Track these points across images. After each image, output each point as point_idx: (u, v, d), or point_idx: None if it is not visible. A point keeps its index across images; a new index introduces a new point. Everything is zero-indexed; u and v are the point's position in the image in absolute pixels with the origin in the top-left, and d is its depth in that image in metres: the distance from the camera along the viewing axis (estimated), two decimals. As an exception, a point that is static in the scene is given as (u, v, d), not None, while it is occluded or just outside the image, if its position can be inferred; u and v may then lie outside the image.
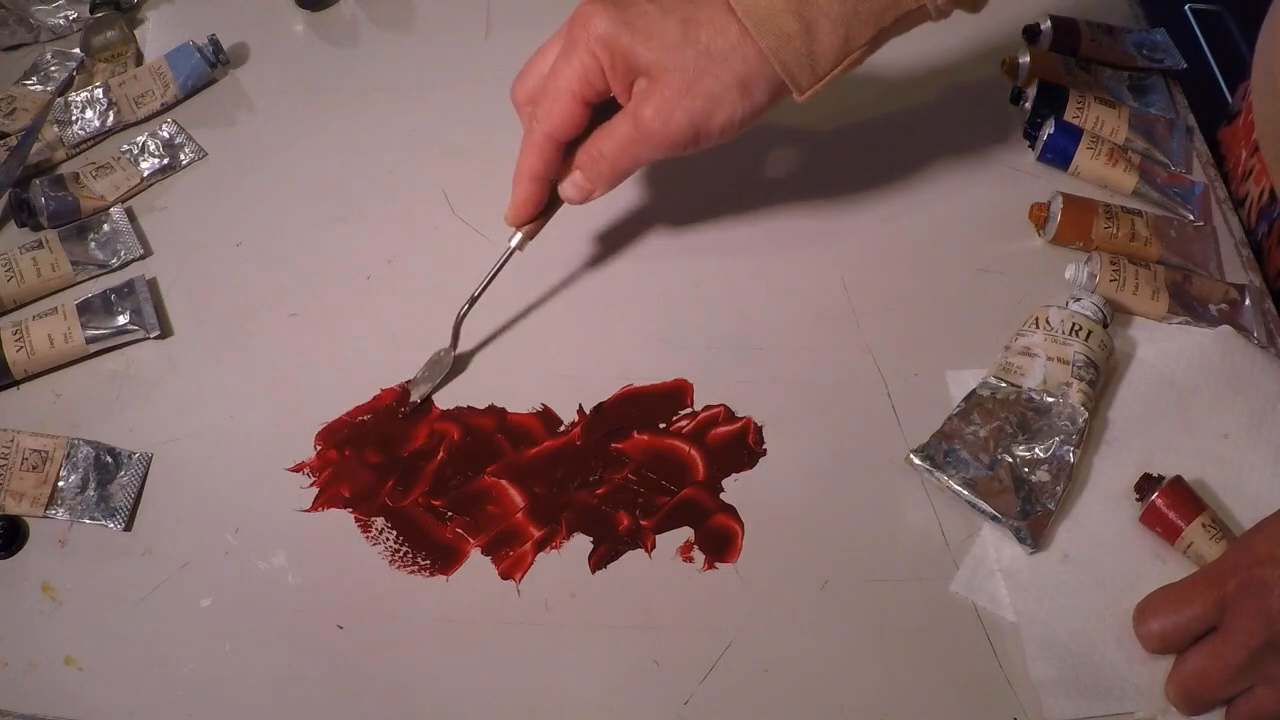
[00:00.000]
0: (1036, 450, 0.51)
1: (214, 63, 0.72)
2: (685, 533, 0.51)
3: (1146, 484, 0.50)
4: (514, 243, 0.54)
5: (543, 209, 0.54)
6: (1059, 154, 0.64)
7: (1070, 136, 0.63)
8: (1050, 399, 0.52)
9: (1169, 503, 0.49)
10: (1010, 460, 0.51)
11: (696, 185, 0.65)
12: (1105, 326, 0.54)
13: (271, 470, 0.54)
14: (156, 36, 0.76)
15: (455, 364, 0.57)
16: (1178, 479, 0.49)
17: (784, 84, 0.49)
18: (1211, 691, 0.44)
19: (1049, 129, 0.64)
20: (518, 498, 0.52)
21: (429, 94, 0.72)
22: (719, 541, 0.51)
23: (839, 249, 0.62)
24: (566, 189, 0.53)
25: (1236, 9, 1.26)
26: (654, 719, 0.46)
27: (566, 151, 0.52)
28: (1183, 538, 0.48)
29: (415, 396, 0.55)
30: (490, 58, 0.74)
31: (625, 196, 0.65)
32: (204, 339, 0.59)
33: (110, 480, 0.53)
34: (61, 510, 0.52)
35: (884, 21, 0.48)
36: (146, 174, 0.67)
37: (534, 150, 0.52)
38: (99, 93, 0.69)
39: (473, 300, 0.56)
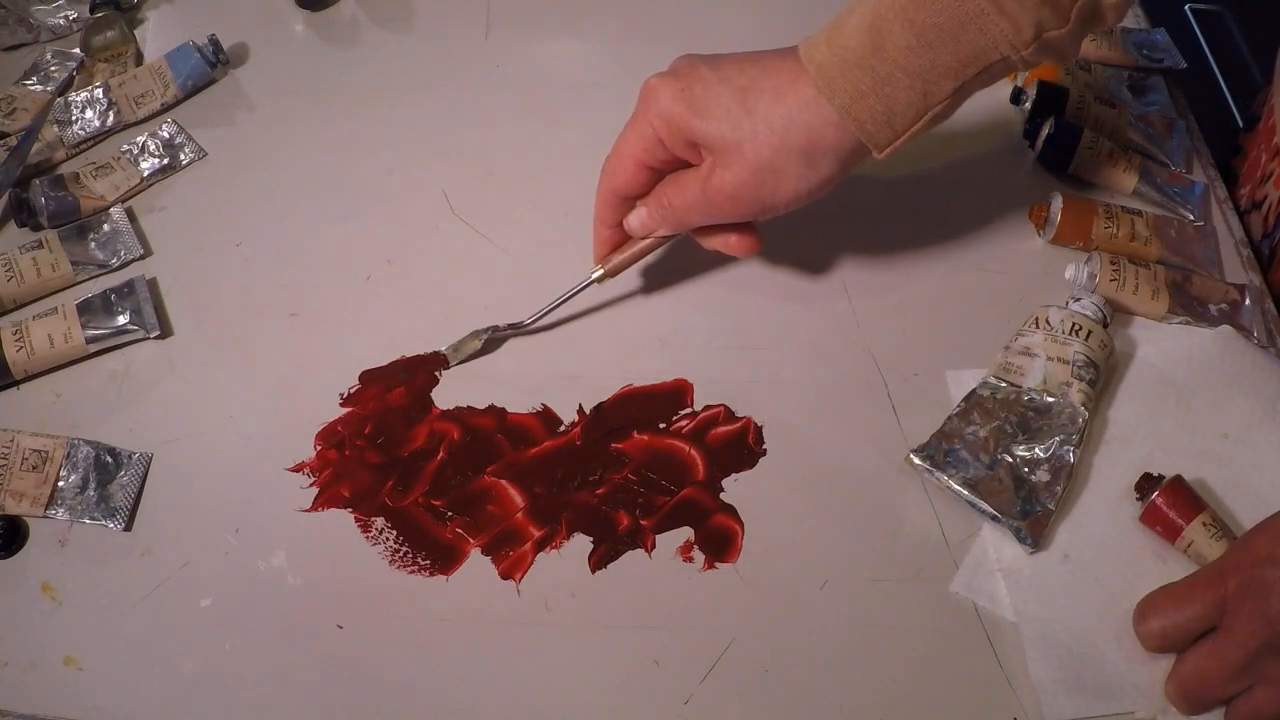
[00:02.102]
0: (1036, 450, 0.51)
1: (214, 63, 0.72)
2: (685, 533, 0.51)
3: (1146, 483, 0.50)
4: (594, 275, 0.56)
5: (619, 246, 0.56)
6: (1059, 154, 0.64)
7: (1070, 136, 0.63)
8: (1050, 399, 0.52)
9: (1169, 502, 0.49)
10: (1010, 460, 0.51)
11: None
12: (1105, 326, 0.54)
13: (271, 470, 0.54)
14: (156, 36, 0.77)
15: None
16: (1178, 478, 0.49)
17: (854, 150, 0.48)
18: (1211, 691, 0.44)
19: (1049, 129, 0.64)
20: (518, 498, 0.52)
21: (429, 94, 0.72)
22: (719, 541, 0.51)
23: (839, 249, 0.62)
24: (630, 221, 0.54)
25: (1236, 9, 1.27)
26: (654, 719, 0.46)
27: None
28: (1183, 537, 0.48)
29: (454, 363, 0.57)
30: (490, 58, 0.74)
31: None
32: (204, 339, 0.59)
33: (110, 480, 0.53)
34: (61, 510, 0.52)
35: (965, 75, 0.46)
36: (146, 174, 0.67)
37: (601, 201, 0.55)
38: (99, 93, 0.69)
39: (537, 317, 0.57)
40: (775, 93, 0.47)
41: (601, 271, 0.56)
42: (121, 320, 0.58)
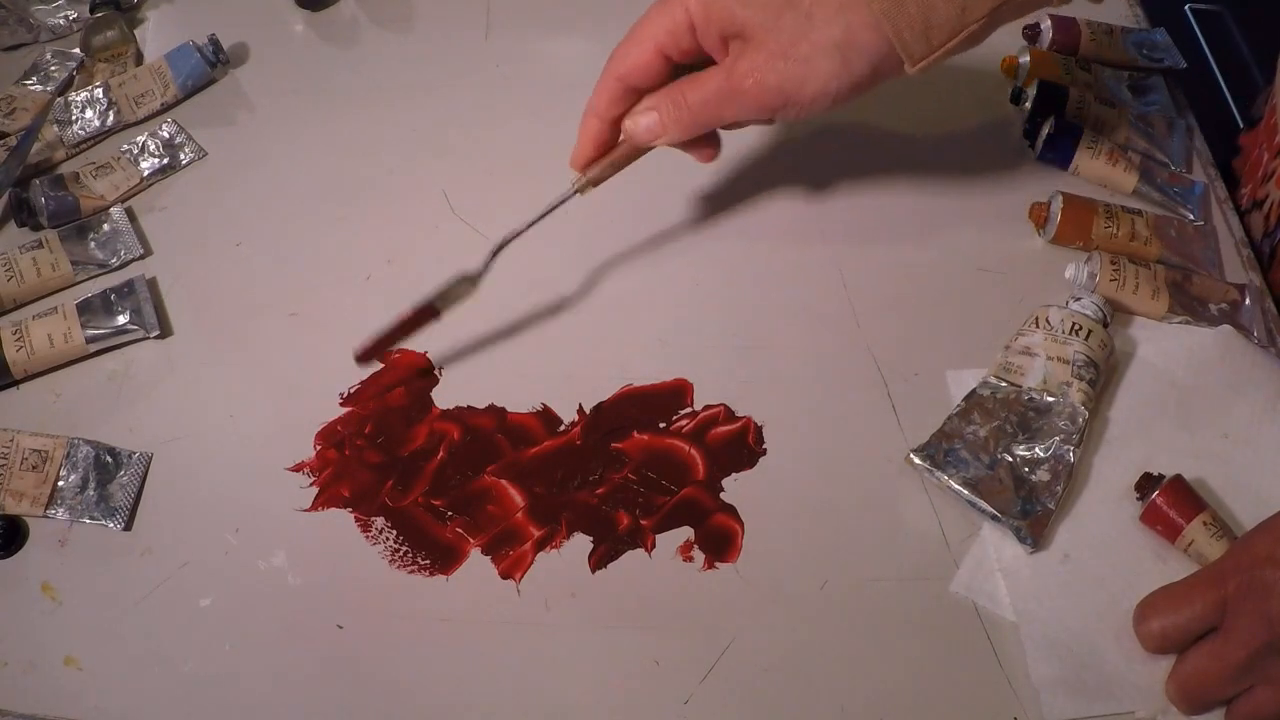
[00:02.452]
0: (1036, 450, 0.51)
1: (214, 63, 0.72)
2: (685, 532, 0.51)
3: (1147, 483, 0.50)
4: (574, 186, 0.53)
5: (607, 153, 0.53)
6: (1059, 154, 0.64)
7: (1070, 136, 0.63)
8: (1050, 398, 0.52)
9: (1169, 501, 0.49)
10: (1010, 460, 0.51)
11: (697, 185, 0.65)
12: (1105, 326, 0.54)
13: (271, 470, 0.54)
14: (156, 36, 0.77)
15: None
16: (1178, 478, 0.49)
17: (887, 58, 0.47)
18: (1211, 691, 0.44)
19: (1049, 129, 0.64)
20: (518, 497, 0.52)
21: (429, 94, 0.72)
22: (719, 541, 0.51)
23: (839, 249, 0.62)
24: (635, 125, 0.51)
25: (1236, 9, 1.27)
26: (654, 719, 0.46)
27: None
28: (1183, 536, 0.48)
29: (442, 313, 0.55)
30: (490, 58, 0.74)
31: (625, 196, 0.65)
32: (204, 339, 0.59)
33: (110, 480, 0.53)
34: (61, 510, 0.52)
35: None
36: (146, 174, 0.67)
37: (603, 90, 0.51)
38: (99, 93, 0.69)
39: (516, 234, 0.55)
40: None
41: (584, 180, 0.53)
42: (121, 320, 0.58)
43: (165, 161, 0.67)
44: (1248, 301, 0.58)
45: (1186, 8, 1.25)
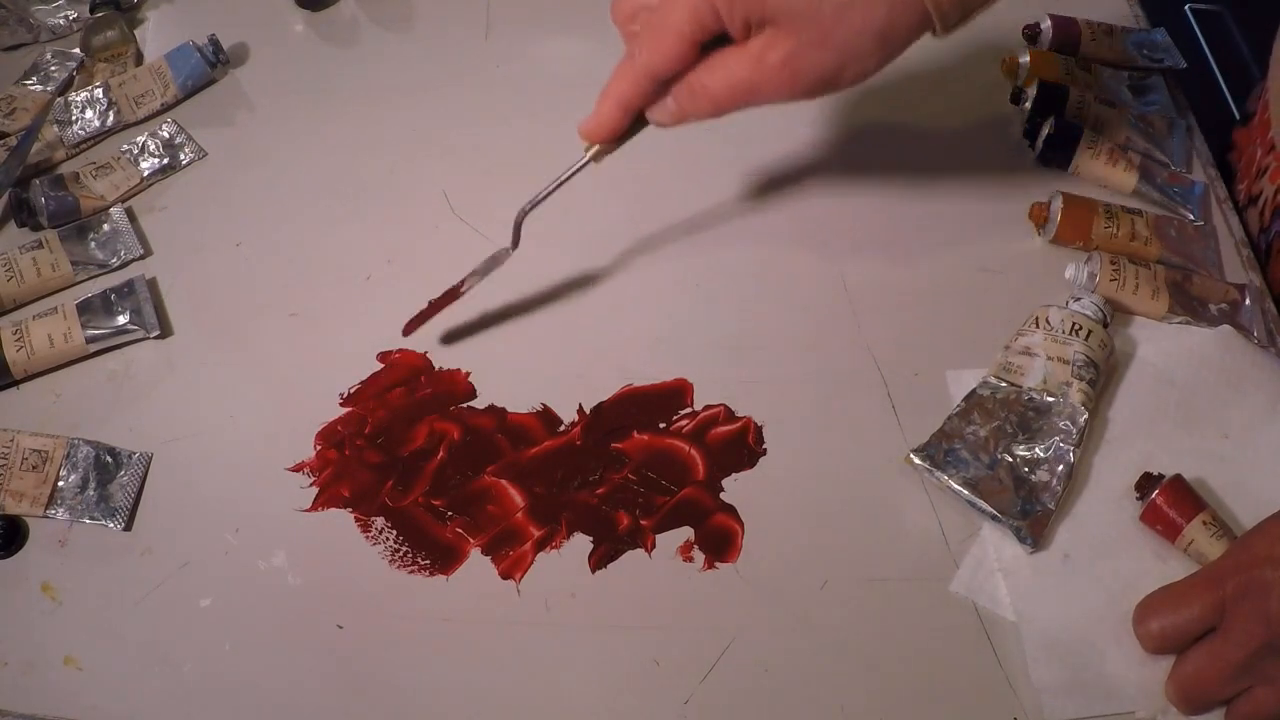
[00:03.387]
0: (1036, 450, 0.51)
1: (214, 63, 0.72)
2: (685, 532, 0.51)
3: (1147, 483, 0.50)
4: (589, 154, 0.52)
5: (627, 132, 0.52)
6: (1059, 154, 0.64)
7: (1070, 136, 0.63)
8: (1050, 398, 0.52)
9: (1169, 501, 0.49)
10: (1010, 460, 0.51)
11: (696, 185, 0.65)
12: (1105, 326, 0.54)
13: (271, 470, 0.54)
14: (156, 36, 0.77)
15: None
16: (1178, 477, 0.49)
17: (920, 28, 0.46)
18: (1211, 692, 0.44)
19: (1049, 129, 0.64)
20: (518, 497, 0.52)
21: (429, 94, 0.72)
22: (719, 541, 0.51)
23: (839, 249, 0.62)
24: (657, 112, 0.50)
25: (1236, 9, 1.27)
26: (654, 719, 0.46)
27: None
28: (1183, 536, 0.48)
29: (466, 288, 0.56)
30: (490, 58, 0.74)
31: (626, 197, 0.65)
32: (204, 339, 0.59)
33: (110, 480, 0.53)
34: (61, 510, 0.52)
35: None
36: (146, 174, 0.67)
37: (629, 78, 0.49)
38: (99, 93, 0.69)
39: (535, 202, 0.54)
40: None
41: (598, 148, 0.52)
42: (121, 320, 0.58)
43: (165, 161, 0.67)
44: (1248, 301, 0.58)
45: (1186, 8, 1.25)
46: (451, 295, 0.57)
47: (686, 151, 0.67)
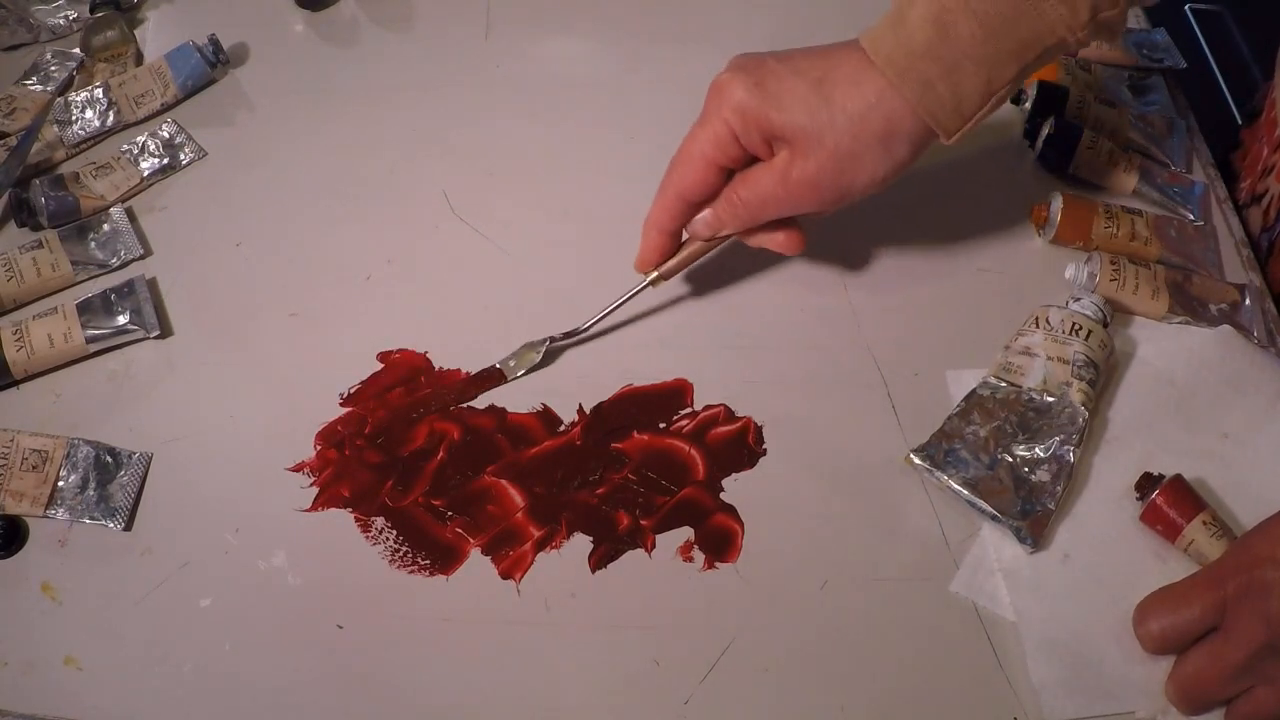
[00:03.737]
0: (1036, 450, 0.51)
1: (214, 63, 0.72)
2: (685, 532, 0.51)
3: (1147, 483, 0.50)
4: (647, 280, 0.56)
5: (672, 254, 0.56)
6: (1059, 154, 0.64)
7: (1070, 136, 0.63)
8: (1050, 398, 0.52)
9: (1169, 501, 0.49)
10: (1010, 460, 0.51)
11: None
12: (1105, 326, 0.54)
13: (271, 470, 0.54)
14: (156, 36, 0.77)
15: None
16: (1178, 477, 0.49)
17: (926, 135, 0.49)
18: (1211, 692, 0.44)
19: (1049, 129, 0.64)
20: (518, 497, 0.52)
21: (429, 94, 0.72)
22: (719, 541, 0.51)
23: (839, 249, 0.62)
24: (696, 225, 0.54)
25: (1236, 9, 1.27)
26: (654, 719, 0.46)
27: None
28: (1183, 536, 0.48)
29: (510, 377, 0.56)
30: (490, 58, 0.74)
31: (626, 197, 0.65)
32: (204, 339, 0.59)
33: (110, 480, 0.53)
34: (61, 510, 0.52)
35: (1026, 59, 0.47)
36: (146, 174, 0.67)
37: (663, 207, 0.54)
38: (99, 93, 0.69)
39: (578, 332, 0.57)
40: (851, 81, 0.48)
41: (656, 274, 0.56)
42: (121, 320, 0.58)
43: (165, 161, 0.67)
44: (1248, 301, 0.58)
45: (1186, 8, 1.26)
46: (486, 382, 0.56)
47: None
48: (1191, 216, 0.62)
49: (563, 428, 0.55)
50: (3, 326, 0.57)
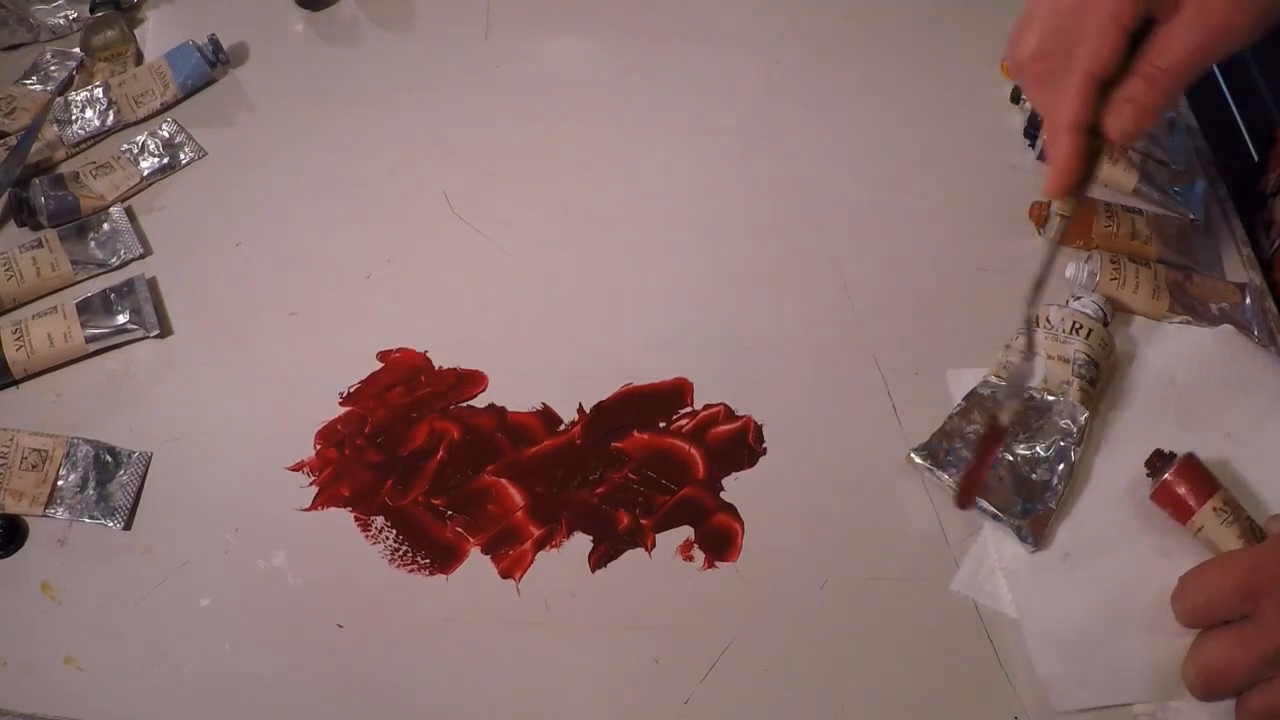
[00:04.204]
0: (1037, 449, 0.51)
1: (214, 62, 0.72)
2: (685, 532, 0.51)
3: (1159, 460, 0.49)
4: (1055, 209, 0.48)
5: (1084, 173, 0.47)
6: (1059, 153, 0.64)
7: (1070, 136, 0.63)
8: (1051, 398, 0.52)
9: (1182, 479, 0.48)
10: (1011, 459, 0.51)
11: (698, 186, 0.65)
12: (1105, 325, 0.54)
13: (271, 470, 0.54)
14: (156, 36, 0.77)
15: None
16: (1191, 456, 0.49)
17: None
18: (1234, 679, 0.44)
19: (1049, 128, 0.64)
20: (518, 497, 0.52)
21: (429, 94, 0.72)
22: (719, 540, 0.51)
23: (839, 249, 0.62)
24: (1119, 118, 0.46)
25: (1236, 9, 1.26)
26: (654, 719, 0.46)
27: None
28: (1194, 520, 0.48)
29: (1003, 419, 0.48)
30: (490, 58, 0.74)
31: (626, 197, 0.65)
32: (204, 339, 0.59)
33: (110, 479, 0.53)
34: (61, 509, 0.52)
35: None
36: (146, 173, 0.67)
37: (1075, 95, 0.46)
38: (99, 92, 0.69)
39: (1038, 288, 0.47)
40: None
41: (1071, 200, 0.47)
42: (121, 319, 0.58)
43: (165, 161, 0.67)
44: (1248, 301, 0.58)
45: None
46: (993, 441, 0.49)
47: (687, 153, 0.67)
48: (1192, 216, 0.62)
49: (563, 427, 0.55)
50: (3, 326, 0.57)
